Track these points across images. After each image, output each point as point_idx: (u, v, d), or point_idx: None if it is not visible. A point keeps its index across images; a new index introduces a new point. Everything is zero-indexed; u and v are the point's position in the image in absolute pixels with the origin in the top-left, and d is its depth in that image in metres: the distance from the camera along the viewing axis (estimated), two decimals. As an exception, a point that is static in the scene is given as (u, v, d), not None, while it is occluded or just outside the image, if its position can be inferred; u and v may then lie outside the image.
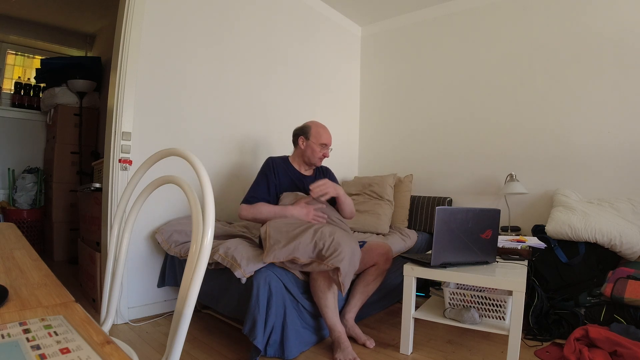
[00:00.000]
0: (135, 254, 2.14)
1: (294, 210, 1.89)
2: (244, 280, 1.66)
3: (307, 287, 1.81)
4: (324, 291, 1.71)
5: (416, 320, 1.81)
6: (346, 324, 1.88)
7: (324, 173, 2.24)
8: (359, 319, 2.08)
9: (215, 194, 1.58)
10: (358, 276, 2.00)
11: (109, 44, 2.44)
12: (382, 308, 2.38)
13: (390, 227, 2.87)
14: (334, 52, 3.56)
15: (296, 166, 2.13)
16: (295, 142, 2.15)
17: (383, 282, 2.05)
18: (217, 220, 2.38)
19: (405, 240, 2.62)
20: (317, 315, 1.84)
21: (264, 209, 1.92)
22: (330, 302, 1.72)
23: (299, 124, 2.22)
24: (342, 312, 1.93)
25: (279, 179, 2.05)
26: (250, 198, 1.97)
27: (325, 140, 2.10)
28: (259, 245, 2.03)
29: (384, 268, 1.98)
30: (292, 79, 3.12)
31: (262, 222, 1.93)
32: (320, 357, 1.73)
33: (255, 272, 1.67)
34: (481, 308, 1.71)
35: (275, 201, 2.02)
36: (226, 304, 1.83)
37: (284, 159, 2.14)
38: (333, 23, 3.53)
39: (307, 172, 2.17)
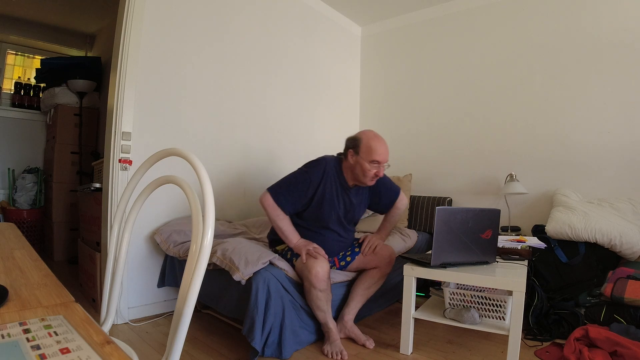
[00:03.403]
0: (135, 254, 2.14)
1: (295, 242, 1.84)
2: (243, 282, 1.67)
3: (306, 287, 1.81)
4: (314, 291, 1.73)
5: (416, 320, 1.81)
6: (345, 325, 1.88)
7: (369, 188, 1.98)
8: (359, 319, 2.08)
9: (215, 194, 1.57)
10: (359, 277, 2.00)
11: (109, 44, 2.44)
12: (382, 308, 2.38)
13: (390, 227, 2.86)
14: (334, 52, 3.55)
15: (346, 177, 1.90)
16: (345, 153, 1.87)
17: (383, 283, 2.05)
18: (216, 220, 2.38)
19: (405, 240, 2.62)
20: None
21: (281, 222, 1.83)
22: (321, 303, 1.75)
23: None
24: (341, 313, 1.93)
25: (322, 190, 1.84)
26: (279, 196, 1.81)
27: (378, 157, 1.77)
28: (267, 245, 2.07)
29: (385, 271, 1.98)
30: (292, 79, 3.11)
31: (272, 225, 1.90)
32: (318, 355, 1.73)
33: (254, 273, 1.67)
34: (481, 308, 1.71)
35: (297, 213, 1.91)
36: (226, 304, 1.83)
37: (338, 165, 1.90)
38: (333, 23, 3.53)
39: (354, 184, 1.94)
